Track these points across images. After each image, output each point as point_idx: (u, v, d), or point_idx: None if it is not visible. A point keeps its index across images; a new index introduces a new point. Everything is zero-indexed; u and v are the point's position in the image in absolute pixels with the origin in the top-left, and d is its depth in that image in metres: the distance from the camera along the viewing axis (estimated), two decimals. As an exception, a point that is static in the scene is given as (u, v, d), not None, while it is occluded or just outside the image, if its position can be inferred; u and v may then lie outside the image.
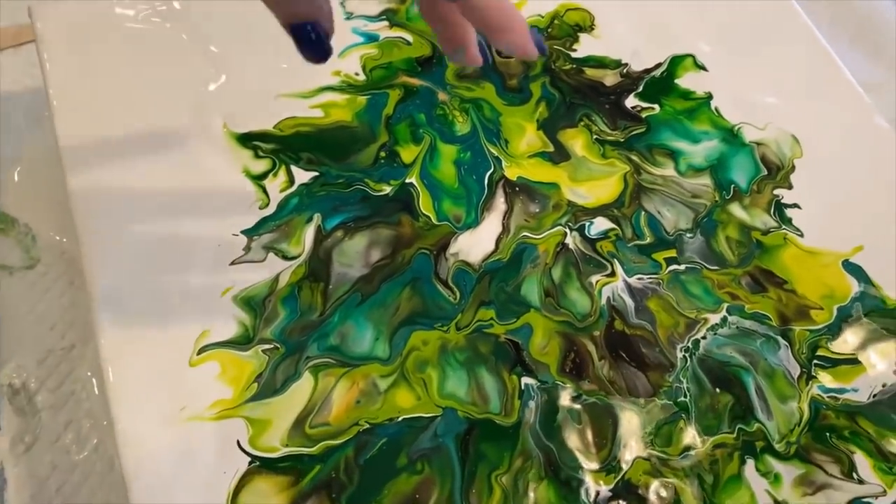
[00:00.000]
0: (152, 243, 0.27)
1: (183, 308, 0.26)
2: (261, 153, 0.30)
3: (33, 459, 0.29)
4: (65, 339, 0.31)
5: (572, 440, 0.26)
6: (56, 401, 0.30)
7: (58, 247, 0.34)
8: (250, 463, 0.24)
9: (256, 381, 0.25)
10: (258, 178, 0.29)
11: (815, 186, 0.33)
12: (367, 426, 0.25)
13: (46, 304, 0.32)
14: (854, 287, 0.30)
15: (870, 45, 0.48)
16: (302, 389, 0.25)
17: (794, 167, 0.33)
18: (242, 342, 0.26)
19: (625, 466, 0.26)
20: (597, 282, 0.29)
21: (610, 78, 0.34)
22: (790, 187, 0.32)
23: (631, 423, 0.26)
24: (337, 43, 0.33)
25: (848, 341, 0.29)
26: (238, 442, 0.24)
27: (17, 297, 0.32)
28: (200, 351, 0.25)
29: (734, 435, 0.27)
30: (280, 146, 0.30)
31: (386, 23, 0.34)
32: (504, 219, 0.30)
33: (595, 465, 0.25)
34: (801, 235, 0.31)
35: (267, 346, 0.26)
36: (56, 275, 0.33)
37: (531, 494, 0.25)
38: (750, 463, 0.26)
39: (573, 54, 0.35)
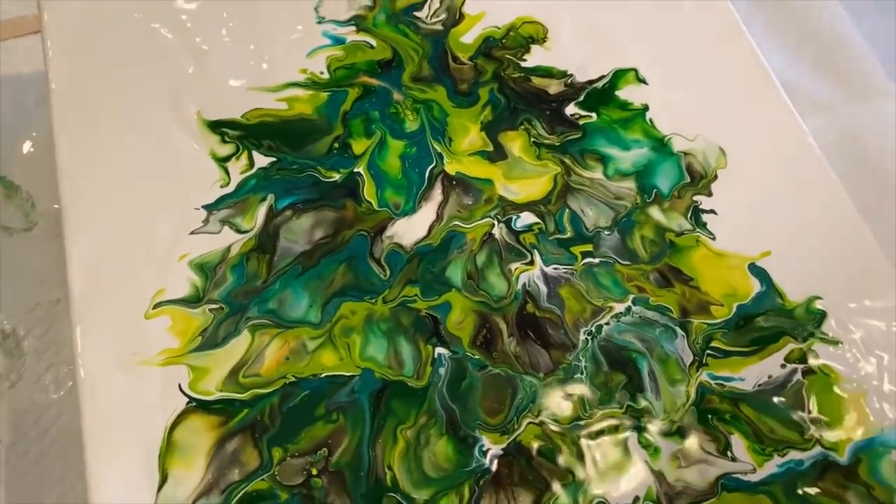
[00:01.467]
0: (125, 211, 0.31)
1: (144, 268, 0.30)
2: (227, 139, 0.34)
3: (16, 395, 0.33)
4: (52, 294, 0.35)
5: (473, 404, 0.29)
6: (40, 346, 0.34)
7: (54, 214, 0.38)
8: (188, 403, 0.28)
9: (201, 335, 0.29)
10: (222, 161, 0.33)
11: (733, 195, 0.35)
12: (293, 379, 0.29)
13: (39, 263, 0.36)
14: (756, 288, 0.33)
15: (831, 68, 0.50)
16: (239, 344, 0.29)
17: (716, 177, 0.36)
18: (192, 301, 0.30)
19: (518, 429, 0.29)
20: (516, 269, 0.32)
21: (554, 87, 0.37)
22: (710, 194, 0.35)
23: (528, 393, 0.30)
24: (307, 44, 0.37)
25: (741, 335, 0.32)
26: (179, 385, 0.28)
27: (13, 255, 0.36)
28: (156, 306, 0.30)
29: (622, 410, 0.30)
30: (245, 133, 0.34)
31: (353, 27, 0.38)
32: (439, 208, 0.33)
33: (491, 427, 0.29)
34: (713, 238, 0.34)
35: (213, 306, 0.30)
36: (49, 238, 0.37)
37: (431, 447, 0.28)
38: (633, 436, 0.30)
39: (523, 64, 0.38)
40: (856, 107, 0.48)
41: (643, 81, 0.38)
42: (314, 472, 0.27)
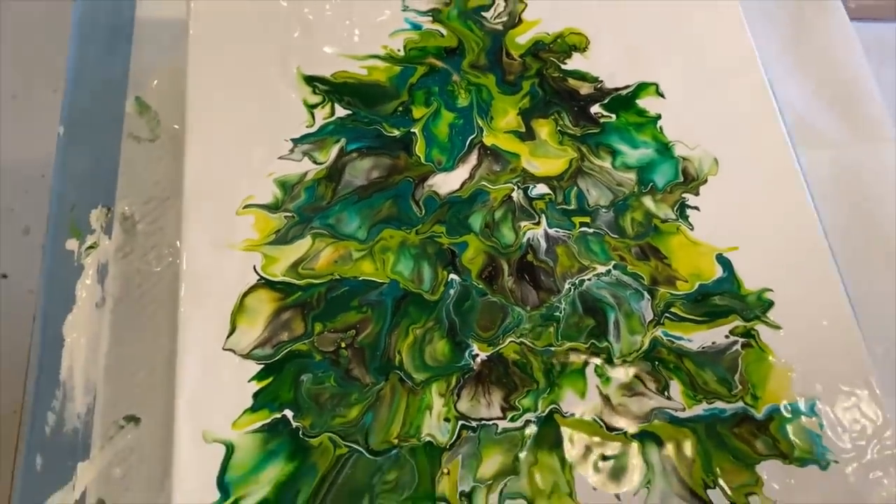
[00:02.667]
0: (232, 134, 0.41)
1: (240, 178, 0.40)
2: (317, 91, 0.43)
3: (128, 264, 0.43)
4: (164, 193, 0.45)
5: (471, 320, 0.38)
6: (149, 230, 0.44)
7: (174, 133, 0.48)
8: (258, 280, 0.37)
9: (275, 233, 0.38)
10: (311, 107, 0.42)
11: (717, 198, 0.43)
12: (338, 277, 0.38)
13: (157, 167, 0.46)
14: (719, 274, 0.41)
15: (844, 111, 0.57)
16: (303, 245, 0.38)
17: (706, 181, 0.43)
18: (273, 208, 0.39)
19: (502, 344, 0.37)
20: (524, 226, 0.41)
21: (585, 89, 0.45)
22: (697, 194, 0.43)
23: (515, 319, 0.38)
24: (391, 26, 0.46)
25: (697, 307, 0.40)
26: (254, 266, 0.37)
27: (139, 158, 0.46)
28: (245, 207, 0.39)
29: (587, 345, 0.38)
30: (331, 89, 0.43)
31: (430, 18, 0.46)
32: (472, 170, 0.42)
33: (482, 339, 0.37)
34: (692, 229, 0.42)
35: (288, 214, 0.39)
36: (168, 150, 0.47)
37: (432, 344, 0.37)
38: (591, 366, 0.37)
39: (563, 66, 0.46)
40: (859, 147, 0.54)
41: (661, 95, 0.46)
42: (343, 345, 0.36)
